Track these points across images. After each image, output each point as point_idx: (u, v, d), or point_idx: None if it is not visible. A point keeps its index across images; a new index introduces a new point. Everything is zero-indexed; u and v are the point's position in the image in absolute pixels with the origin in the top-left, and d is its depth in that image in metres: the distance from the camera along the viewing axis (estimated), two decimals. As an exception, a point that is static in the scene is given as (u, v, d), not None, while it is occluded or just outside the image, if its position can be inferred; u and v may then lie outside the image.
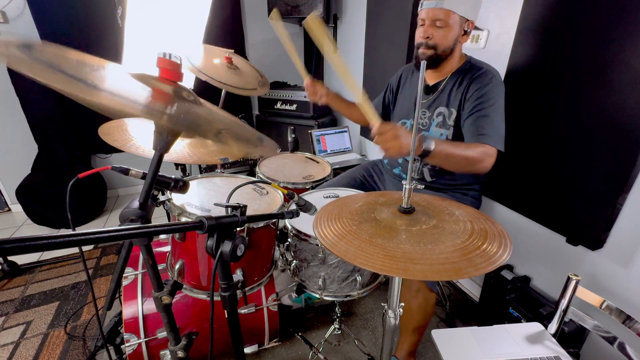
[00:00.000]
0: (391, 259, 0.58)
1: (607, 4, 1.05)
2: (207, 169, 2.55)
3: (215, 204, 1.00)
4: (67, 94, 0.39)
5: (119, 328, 1.23)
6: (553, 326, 0.97)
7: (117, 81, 0.52)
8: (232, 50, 1.54)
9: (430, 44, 1.18)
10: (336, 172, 1.78)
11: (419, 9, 1.20)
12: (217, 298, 0.73)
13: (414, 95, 1.40)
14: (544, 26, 1.23)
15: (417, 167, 1.38)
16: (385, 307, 0.83)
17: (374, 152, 2.53)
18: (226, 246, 0.62)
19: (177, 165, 2.09)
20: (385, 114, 1.59)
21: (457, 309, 1.71)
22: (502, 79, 1.21)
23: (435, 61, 1.22)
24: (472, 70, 1.21)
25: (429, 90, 1.33)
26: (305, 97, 2.58)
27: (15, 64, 0.39)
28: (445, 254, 0.59)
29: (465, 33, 1.18)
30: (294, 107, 2.66)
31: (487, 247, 0.61)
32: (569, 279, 0.93)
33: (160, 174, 0.71)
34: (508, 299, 1.32)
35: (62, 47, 0.48)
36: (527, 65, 1.31)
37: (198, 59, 1.43)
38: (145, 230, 0.50)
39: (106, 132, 0.91)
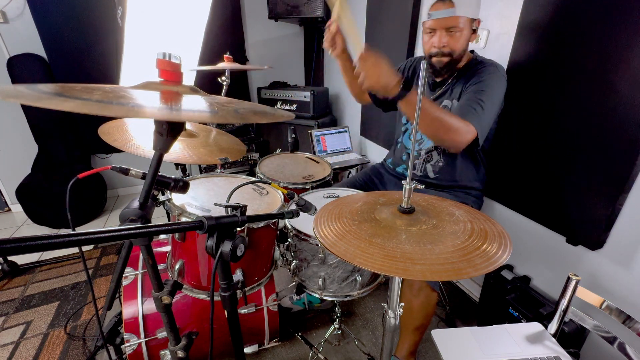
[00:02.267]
0: (391, 259, 0.58)
1: (607, 4, 1.05)
2: (207, 169, 2.55)
3: (215, 204, 1.00)
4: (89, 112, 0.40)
5: (119, 328, 1.23)
6: (553, 326, 0.97)
7: (132, 95, 0.53)
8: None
9: (446, 52, 1.19)
10: (336, 172, 1.79)
11: (426, 19, 1.18)
12: (217, 298, 0.73)
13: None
14: (543, 26, 1.23)
15: (420, 164, 1.38)
16: (385, 307, 0.83)
17: (375, 153, 2.53)
18: (226, 246, 0.61)
19: (177, 165, 2.09)
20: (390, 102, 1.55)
21: (457, 309, 1.71)
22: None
23: (451, 66, 1.23)
24: (477, 64, 1.23)
25: (435, 86, 1.34)
26: (305, 97, 2.58)
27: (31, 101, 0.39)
28: (445, 254, 0.59)
29: (474, 32, 1.19)
30: (294, 107, 2.67)
31: (487, 248, 0.61)
32: (569, 279, 0.93)
33: (160, 174, 0.71)
34: (508, 299, 1.32)
35: (66, 83, 0.48)
36: (527, 65, 1.31)
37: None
38: (145, 230, 0.50)
39: (106, 132, 0.91)
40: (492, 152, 1.37)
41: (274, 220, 1.10)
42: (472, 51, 1.31)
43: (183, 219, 0.98)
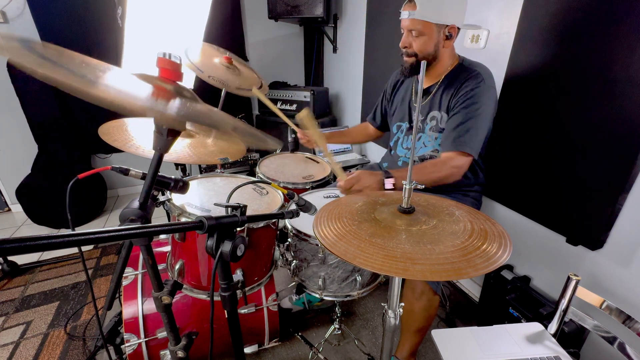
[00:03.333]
0: (391, 259, 0.58)
1: (607, 4, 1.05)
2: (207, 169, 2.55)
3: (215, 204, 1.00)
4: (68, 88, 0.39)
5: (119, 328, 1.23)
6: (553, 326, 0.97)
7: (120, 80, 0.52)
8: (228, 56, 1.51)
9: (410, 53, 1.22)
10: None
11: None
12: (217, 298, 0.73)
13: (407, 99, 1.41)
14: (544, 26, 1.23)
15: None
16: (385, 307, 0.83)
17: (375, 153, 2.53)
18: (226, 246, 0.61)
19: (177, 165, 2.09)
20: (384, 121, 1.60)
21: (457, 309, 1.71)
22: (500, 80, 1.20)
23: (418, 67, 1.22)
24: (463, 73, 1.21)
25: (422, 93, 1.32)
26: (305, 97, 2.58)
27: (17, 58, 0.38)
28: (445, 254, 0.59)
29: (448, 38, 1.17)
30: (294, 107, 2.66)
31: (487, 248, 0.61)
32: (569, 279, 0.93)
33: (160, 174, 0.71)
34: (508, 299, 1.32)
35: (65, 49, 0.48)
36: (527, 65, 1.31)
37: (197, 55, 1.41)
38: (145, 230, 0.50)
39: (106, 132, 0.91)
40: (491, 152, 1.37)
41: (274, 220, 1.10)
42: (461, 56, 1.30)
43: (183, 219, 0.98)
